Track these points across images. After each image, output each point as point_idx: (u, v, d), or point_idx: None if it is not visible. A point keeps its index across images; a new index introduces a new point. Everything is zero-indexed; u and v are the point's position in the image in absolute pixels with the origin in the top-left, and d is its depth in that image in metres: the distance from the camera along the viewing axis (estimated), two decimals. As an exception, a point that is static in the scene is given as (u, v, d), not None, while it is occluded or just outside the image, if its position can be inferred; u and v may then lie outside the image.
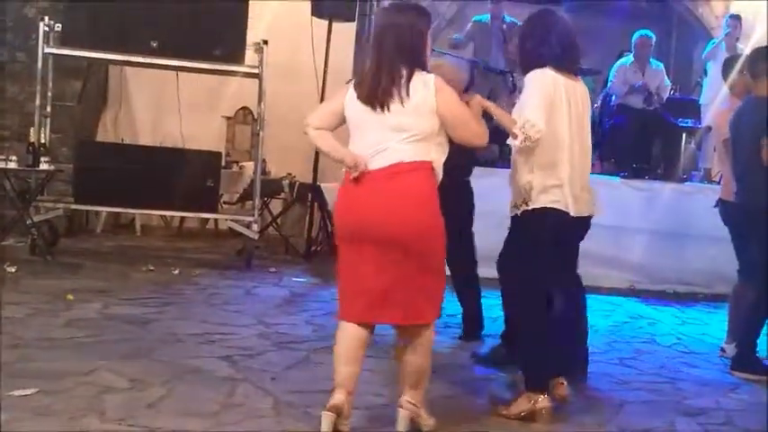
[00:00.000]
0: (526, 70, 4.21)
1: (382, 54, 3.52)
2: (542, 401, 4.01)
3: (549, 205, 4.09)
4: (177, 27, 7.48)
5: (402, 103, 3.47)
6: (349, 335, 3.59)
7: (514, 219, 4.25)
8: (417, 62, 3.55)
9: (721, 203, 5.63)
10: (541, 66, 4.13)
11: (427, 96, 3.50)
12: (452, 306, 5.56)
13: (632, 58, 9.36)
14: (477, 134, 3.65)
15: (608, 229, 8.08)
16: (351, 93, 3.58)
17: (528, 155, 4.09)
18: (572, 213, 4.12)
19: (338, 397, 3.52)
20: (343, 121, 3.63)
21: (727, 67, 5.98)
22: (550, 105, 4.06)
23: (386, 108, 3.48)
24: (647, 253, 8.09)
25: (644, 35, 9.29)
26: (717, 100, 7.39)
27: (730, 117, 5.39)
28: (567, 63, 4.22)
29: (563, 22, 4.28)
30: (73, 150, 8.25)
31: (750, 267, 5.34)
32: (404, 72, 3.50)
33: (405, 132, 3.49)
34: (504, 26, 9.54)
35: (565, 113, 4.12)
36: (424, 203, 3.50)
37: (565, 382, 4.24)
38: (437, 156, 3.56)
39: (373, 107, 3.50)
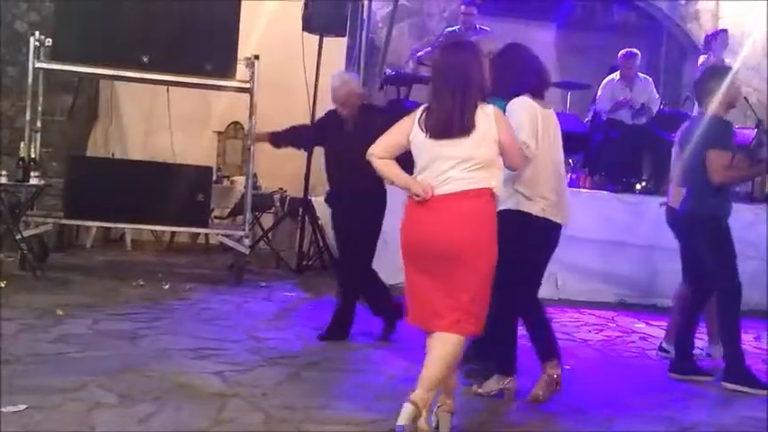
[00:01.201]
0: (505, 98, 4.49)
1: (451, 89, 3.75)
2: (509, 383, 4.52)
3: (513, 207, 4.41)
4: (168, 42, 7.50)
5: (469, 134, 3.73)
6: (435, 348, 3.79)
7: None
8: (480, 95, 3.81)
9: (669, 209, 5.82)
10: (520, 94, 4.48)
11: (490, 126, 3.77)
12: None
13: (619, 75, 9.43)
14: (524, 160, 4.05)
15: (598, 244, 8.13)
16: (417, 126, 3.81)
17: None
18: (534, 213, 4.44)
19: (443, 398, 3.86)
20: (404, 149, 3.87)
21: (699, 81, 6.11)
22: (534, 129, 4.40)
23: (455, 140, 3.73)
24: (637, 267, 8.12)
25: (628, 52, 9.33)
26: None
27: (680, 131, 5.65)
28: (541, 91, 4.61)
29: (534, 55, 4.67)
30: (63, 165, 8.25)
31: (700, 275, 5.49)
32: (471, 105, 3.75)
33: (471, 161, 3.74)
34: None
35: (541, 137, 4.44)
36: (480, 229, 3.75)
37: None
38: (497, 182, 3.81)
39: (443, 139, 3.74)
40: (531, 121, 4.38)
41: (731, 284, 5.25)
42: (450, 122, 3.73)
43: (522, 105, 4.43)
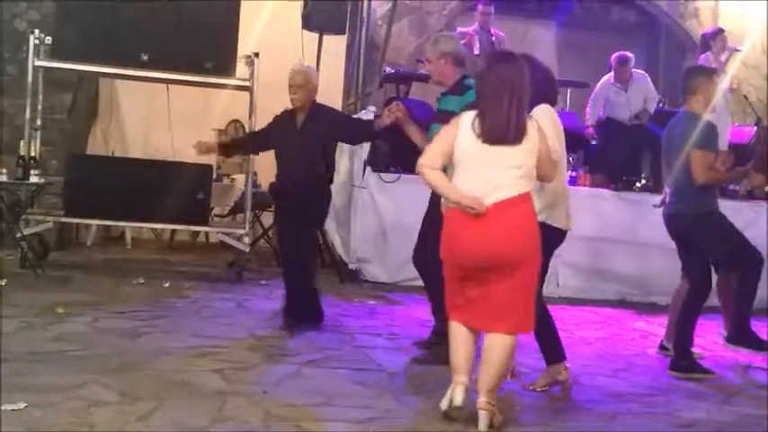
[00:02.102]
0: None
1: (507, 99, 3.92)
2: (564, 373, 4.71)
3: (545, 221, 4.43)
4: (168, 40, 7.50)
5: (521, 142, 3.93)
6: (461, 331, 4.05)
7: None
8: (527, 106, 4.04)
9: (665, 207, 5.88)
10: (539, 102, 4.55)
11: (534, 136, 3.98)
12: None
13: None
14: (555, 172, 4.24)
15: (599, 242, 8.14)
16: (466, 132, 3.95)
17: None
18: (562, 227, 4.67)
19: (462, 378, 4.00)
20: (450, 157, 4.02)
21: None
22: (558, 136, 4.59)
23: (508, 147, 3.91)
24: (638, 265, 8.12)
25: (621, 56, 9.22)
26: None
27: (664, 130, 5.73)
28: (554, 100, 4.87)
29: (546, 66, 4.85)
30: (63, 163, 8.24)
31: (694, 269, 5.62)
32: (525, 114, 3.98)
33: (519, 169, 3.94)
34: (494, 38, 9.59)
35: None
36: (531, 233, 4.00)
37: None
38: (531, 188, 4.05)
39: (497, 145, 3.91)
40: (555, 129, 4.53)
41: (756, 258, 5.46)
42: (507, 129, 3.90)
43: (547, 113, 4.55)
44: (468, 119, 3.97)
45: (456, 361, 4.04)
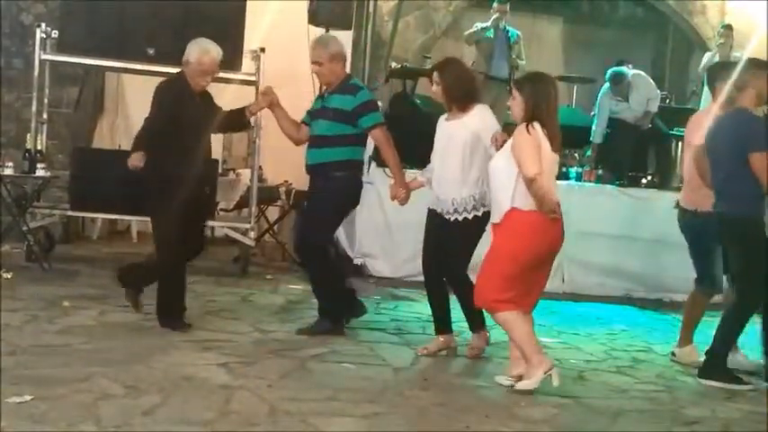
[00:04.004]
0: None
1: (555, 112, 4.55)
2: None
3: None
4: (174, 34, 7.47)
5: None
6: (528, 321, 4.59)
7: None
8: None
9: (681, 211, 5.64)
10: (474, 102, 5.19)
11: None
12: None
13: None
14: None
15: (604, 238, 8.12)
16: (547, 144, 4.42)
17: None
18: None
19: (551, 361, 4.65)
20: None
21: (710, 73, 5.98)
22: None
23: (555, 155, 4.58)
24: (643, 261, 8.10)
25: (615, 76, 9.10)
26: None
27: (709, 128, 5.22)
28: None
29: None
30: (69, 157, 8.25)
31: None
32: None
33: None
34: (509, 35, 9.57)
35: None
36: None
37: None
38: None
39: (555, 153, 4.54)
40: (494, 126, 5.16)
41: (757, 299, 5.03)
42: (559, 139, 4.53)
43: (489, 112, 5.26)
44: (540, 131, 4.38)
45: (540, 348, 4.58)
